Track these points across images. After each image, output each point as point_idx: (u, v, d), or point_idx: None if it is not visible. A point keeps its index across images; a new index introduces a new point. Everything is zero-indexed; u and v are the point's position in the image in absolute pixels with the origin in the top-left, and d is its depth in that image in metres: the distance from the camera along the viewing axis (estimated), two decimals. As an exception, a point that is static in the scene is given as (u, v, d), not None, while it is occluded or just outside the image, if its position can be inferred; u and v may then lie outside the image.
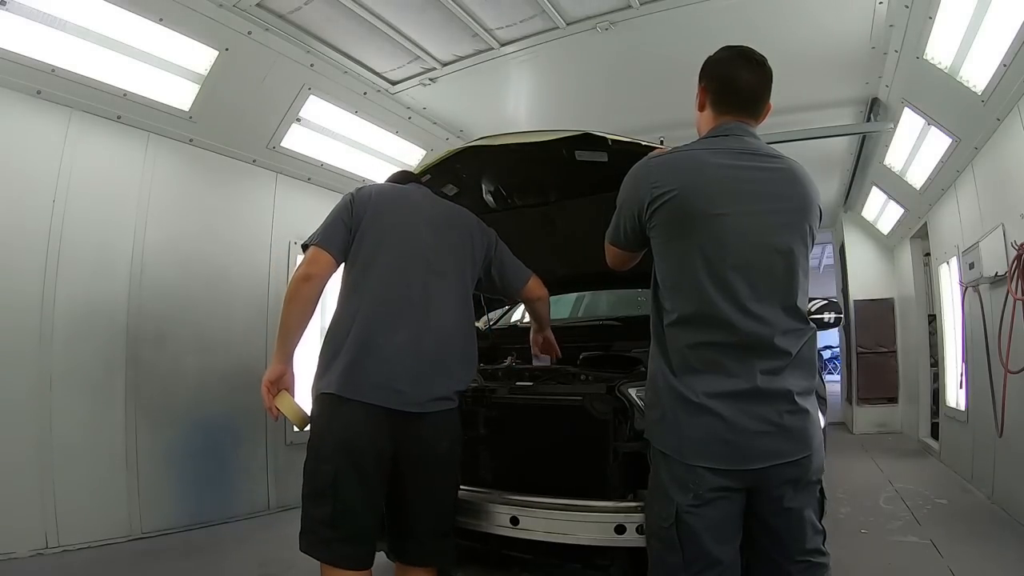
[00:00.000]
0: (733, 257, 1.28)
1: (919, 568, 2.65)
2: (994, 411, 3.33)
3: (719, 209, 1.29)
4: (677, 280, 1.34)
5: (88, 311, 3.03)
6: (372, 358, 1.60)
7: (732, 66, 1.40)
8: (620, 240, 1.51)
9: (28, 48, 2.72)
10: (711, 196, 1.30)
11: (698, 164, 1.34)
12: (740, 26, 3.35)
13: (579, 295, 3.79)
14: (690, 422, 1.27)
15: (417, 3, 3.15)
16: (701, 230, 1.29)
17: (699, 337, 1.29)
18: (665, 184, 1.32)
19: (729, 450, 1.25)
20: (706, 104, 1.43)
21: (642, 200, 1.36)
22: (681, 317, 1.32)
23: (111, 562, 2.77)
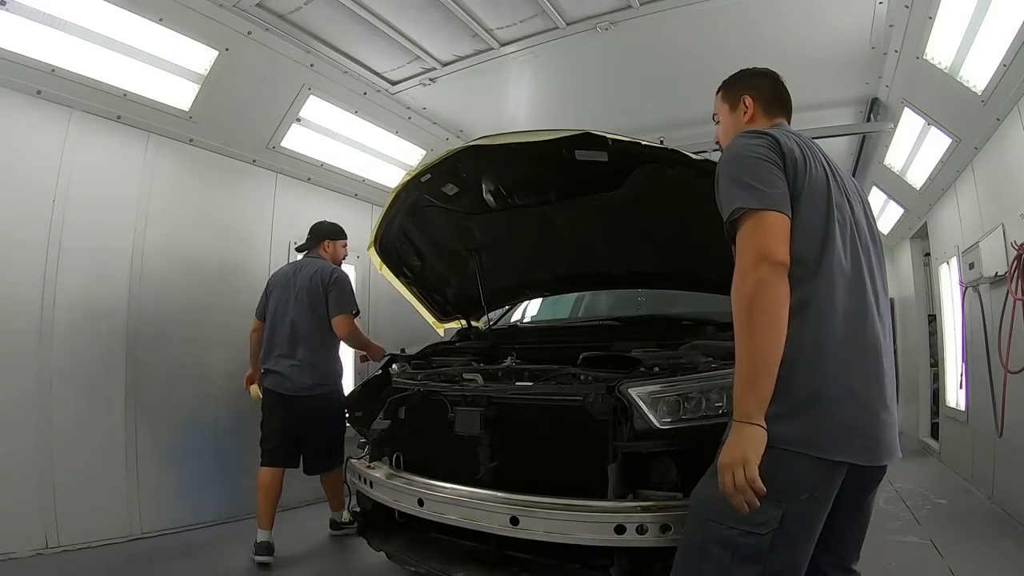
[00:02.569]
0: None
1: (919, 568, 2.65)
2: (994, 411, 3.33)
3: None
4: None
5: (88, 311, 3.03)
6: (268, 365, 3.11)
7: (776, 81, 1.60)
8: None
9: (28, 48, 2.73)
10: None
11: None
12: (740, 26, 3.36)
13: (579, 295, 3.79)
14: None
15: (417, 3, 3.15)
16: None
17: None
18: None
19: (869, 443, 1.17)
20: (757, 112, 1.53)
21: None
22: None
23: (111, 562, 2.77)
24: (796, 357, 1.14)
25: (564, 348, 2.32)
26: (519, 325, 3.49)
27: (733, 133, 1.49)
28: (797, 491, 1.12)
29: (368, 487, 2.17)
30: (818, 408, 1.14)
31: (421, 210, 2.63)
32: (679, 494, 1.73)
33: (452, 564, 1.95)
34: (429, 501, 1.90)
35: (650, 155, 2.07)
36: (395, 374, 2.47)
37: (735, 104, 1.56)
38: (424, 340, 3.28)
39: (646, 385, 1.74)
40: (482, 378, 2.10)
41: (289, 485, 3.89)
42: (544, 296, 3.62)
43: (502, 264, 2.89)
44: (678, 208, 2.38)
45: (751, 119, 1.51)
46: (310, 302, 3.08)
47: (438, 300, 3.07)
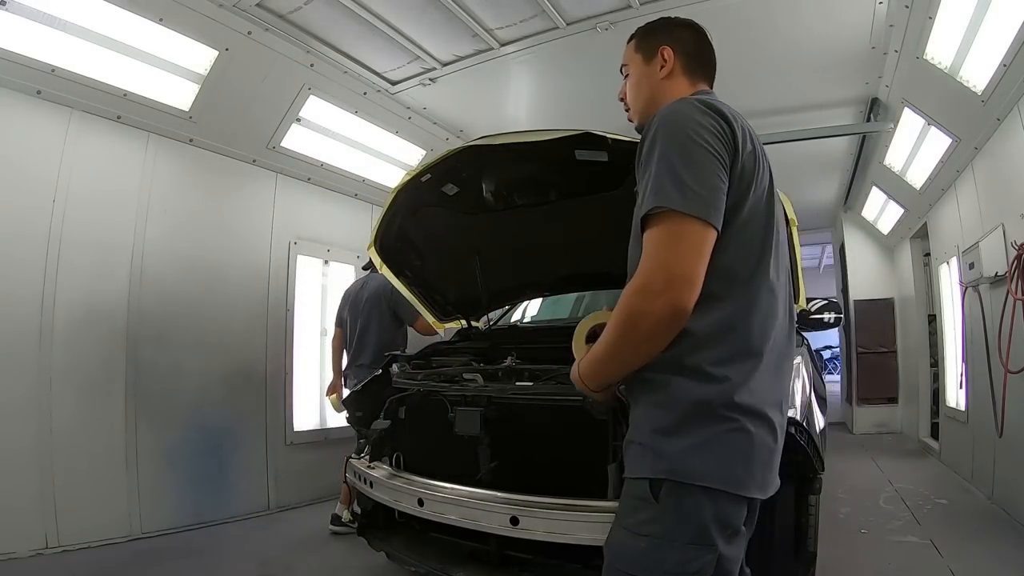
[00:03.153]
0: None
1: (919, 568, 2.65)
2: (994, 411, 3.33)
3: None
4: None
5: (88, 311, 3.04)
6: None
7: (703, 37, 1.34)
8: None
9: (28, 48, 2.72)
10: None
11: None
12: (740, 26, 3.35)
13: (579, 295, 3.79)
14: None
15: (417, 3, 3.15)
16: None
17: None
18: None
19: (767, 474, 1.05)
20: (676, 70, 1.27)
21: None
22: None
23: (111, 562, 2.77)
24: (716, 390, 0.99)
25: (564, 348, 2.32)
26: (519, 325, 3.49)
27: (647, 90, 1.28)
28: (722, 530, 0.99)
29: (368, 487, 2.16)
30: (738, 444, 1.00)
31: (421, 210, 2.63)
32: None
33: (452, 564, 1.95)
34: (429, 501, 1.89)
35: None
36: (395, 374, 2.47)
37: (651, 55, 1.29)
38: (423, 340, 3.28)
39: (646, 385, 1.74)
40: (482, 378, 2.10)
41: (289, 485, 3.91)
42: (544, 296, 3.62)
43: (502, 264, 2.88)
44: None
45: (669, 75, 1.26)
46: (377, 314, 3.45)
47: (438, 300, 3.06)
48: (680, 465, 0.96)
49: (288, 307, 4.06)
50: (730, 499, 0.98)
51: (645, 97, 1.28)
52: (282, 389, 3.96)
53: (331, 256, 4.46)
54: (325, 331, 4.38)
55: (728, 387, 0.99)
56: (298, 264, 4.18)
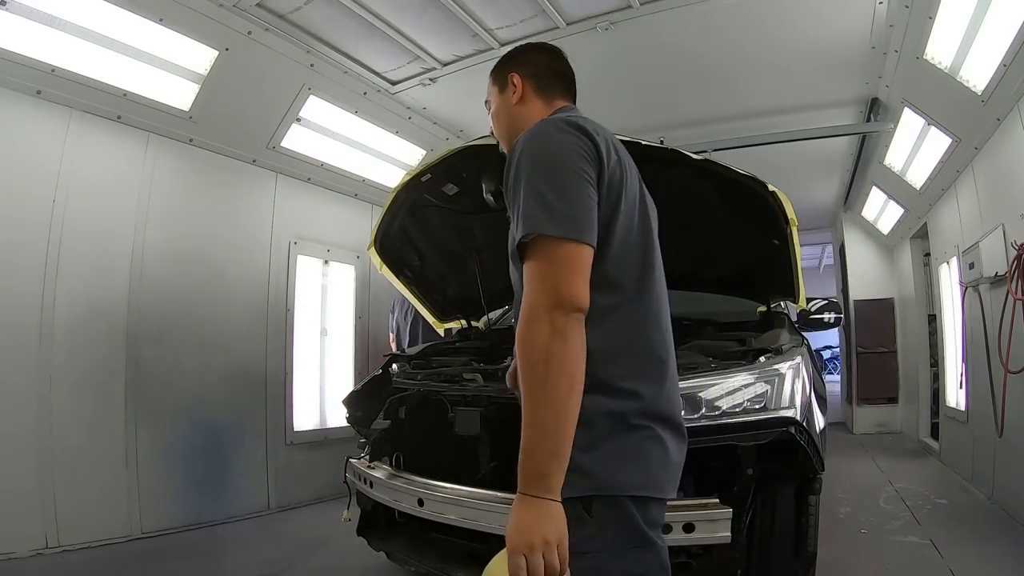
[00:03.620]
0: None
1: (919, 568, 2.65)
2: (994, 411, 3.33)
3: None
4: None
5: (88, 311, 3.03)
6: None
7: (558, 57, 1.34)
8: None
9: (28, 48, 2.72)
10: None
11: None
12: (740, 26, 3.36)
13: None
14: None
15: (417, 3, 3.15)
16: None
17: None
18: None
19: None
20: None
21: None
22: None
23: (111, 562, 2.77)
24: (625, 402, 1.00)
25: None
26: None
27: (505, 118, 1.30)
28: (658, 527, 1.00)
29: (368, 487, 2.17)
30: (639, 446, 1.00)
31: (421, 210, 2.63)
32: (679, 493, 1.73)
33: (452, 564, 1.95)
34: (429, 501, 1.90)
35: (650, 155, 2.07)
36: (395, 374, 2.47)
37: (503, 84, 1.30)
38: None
39: (646, 385, 1.74)
40: (482, 378, 2.10)
41: (289, 485, 3.91)
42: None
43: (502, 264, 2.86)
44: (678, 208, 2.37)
45: (521, 100, 1.26)
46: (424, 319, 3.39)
47: (438, 300, 3.07)
48: (605, 480, 0.96)
49: (288, 307, 4.06)
50: (655, 502, 1.01)
51: (505, 125, 1.30)
52: (282, 389, 3.96)
53: (331, 256, 4.46)
54: (325, 331, 4.38)
55: (639, 398, 1.01)
56: (298, 264, 4.18)
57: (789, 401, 1.72)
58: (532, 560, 0.86)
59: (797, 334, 2.43)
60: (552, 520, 0.89)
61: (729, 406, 1.70)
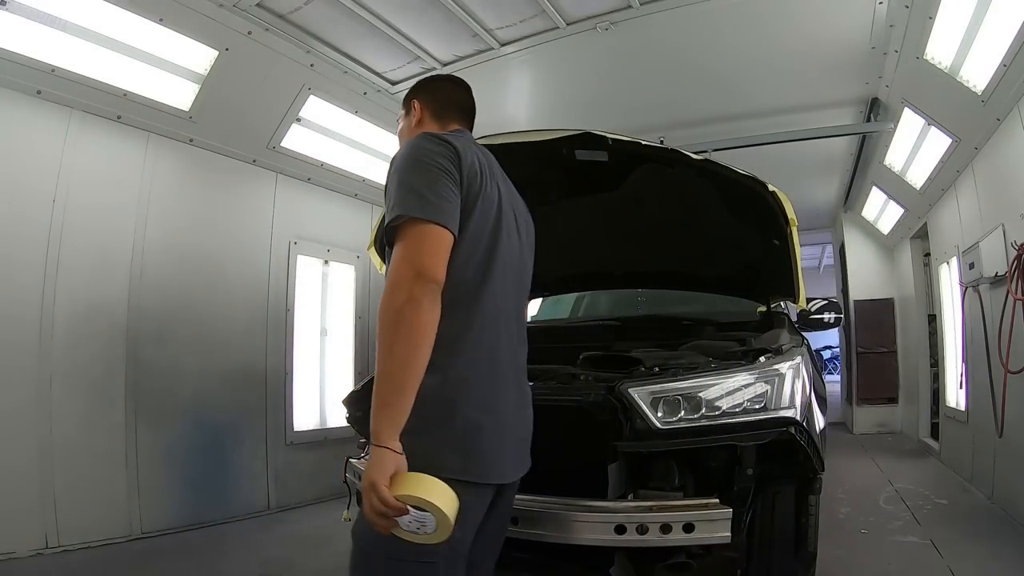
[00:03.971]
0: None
1: (919, 568, 2.65)
2: (994, 411, 3.33)
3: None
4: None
5: (88, 311, 3.03)
6: None
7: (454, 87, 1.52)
8: None
9: (28, 48, 2.72)
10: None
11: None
12: (740, 26, 3.36)
13: (579, 295, 3.80)
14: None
15: (417, 3, 3.15)
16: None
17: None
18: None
19: (515, 464, 1.29)
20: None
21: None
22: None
23: (111, 562, 2.77)
24: (454, 389, 1.12)
25: (564, 348, 2.32)
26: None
27: (406, 136, 1.46)
28: (463, 516, 1.07)
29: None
30: (476, 438, 1.13)
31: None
32: (680, 494, 1.73)
33: (452, 564, 1.95)
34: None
35: (650, 155, 2.07)
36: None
37: (408, 109, 1.50)
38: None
39: (646, 385, 1.74)
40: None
41: (289, 485, 3.91)
42: (544, 296, 3.62)
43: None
44: (678, 208, 2.38)
45: (419, 122, 1.45)
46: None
47: (438, 300, 3.06)
48: (426, 461, 1.05)
49: (288, 307, 4.06)
50: (471, 487, 1.10)
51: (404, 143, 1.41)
52: (282, 389, 3.96)
53: (331, 256, 4.46)
54: (325, 331, 4.38)
55: (466, 387, 1.13)
56: (298, 264, 4.18)
57: (789, 401, 1.72)
58: (366, 499, 0.99)
59: (797, 334, 2.43)
60: (382, 465, 0.99)
61: (729, 406, 1.70)
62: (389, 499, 0.98)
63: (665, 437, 1.69)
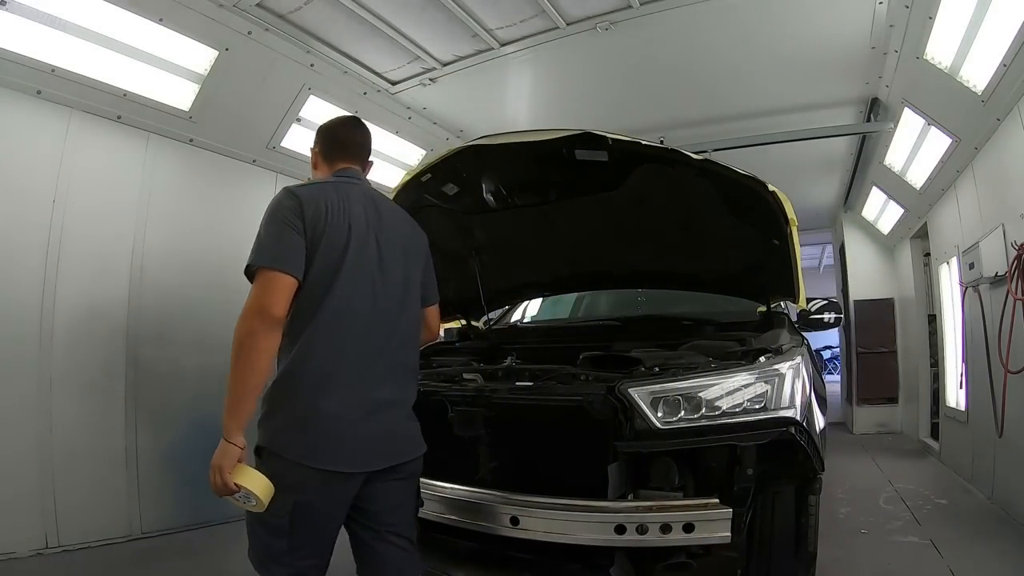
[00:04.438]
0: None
1: (919, 568, 2.65)
2: (994, 411, 3.33)
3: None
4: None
5: (88, 311, 3.03)
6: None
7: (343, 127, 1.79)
8: None
9: (28, 48, 2.72)
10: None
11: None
12: (740, 26, 3.36)
13: (579, 295, 3.80)
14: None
15: (417, 3, 3.15)
16: None
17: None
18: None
19: (354, 455, 1.48)
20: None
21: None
22: None
23: (111, 562, 2.77)
24: (296, 386, 1.42)
25: (564, 348, 2.32)
26: (519, 325, 3.49)
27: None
28: (297, 489, 1.37)
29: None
30: (301, 427, 1.40)
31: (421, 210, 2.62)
32: (680, 494, 1.73)
33: (452, 564, 1.95)
34: (429, 501, 1.90)
35: (650, 155, 2.07)
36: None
37: (312, 157, 1.76)
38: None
39: (646, 385, 1.74)
40: (482, 378, 2.10)
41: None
42: (544, 296, 3.62)
43: (502, 264, 2.89)
44: (678, 208, 2.38)
45: (315, 167, 1.73)
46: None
47: (438, 300, 3.06)
48: (271, 442, 1.41)
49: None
50: (306, 469, 1.38)
51: None
52: (282, 389, 3.95)
53: (331, 256, 4.45)
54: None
55: (303, 384, 1.42)
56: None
57: (789, 401, 1.72)
58: (212, 477, 1.38)
59: (797, 334, 2.43)
60: (226, 454, 1.36)
61: (729, 406, 1.70)
62: (228, 482, 1.35)
63: (665, 437, 1.69)
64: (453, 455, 2.00)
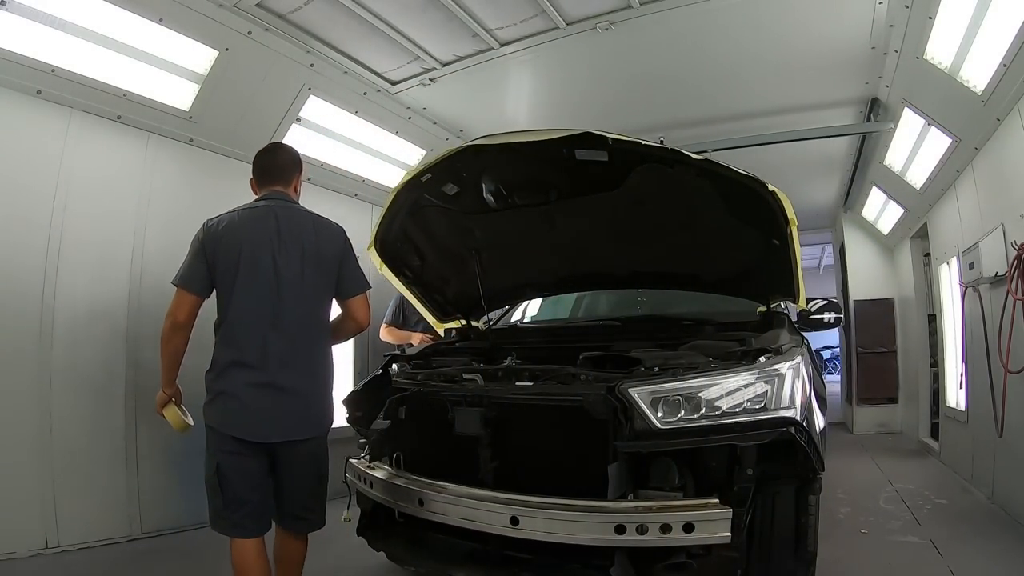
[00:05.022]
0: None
1: (919, 568, 2.65)
2: (994, 411, 3.33)
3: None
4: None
5: (88, 311, 3.03)
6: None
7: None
8: None
9: (28, 48, 2.72)
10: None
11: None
12: (740, 26, 3.36)
13: (579, 295, 3.79)
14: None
15: (417, 3, 3.15)
16: None
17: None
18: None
19: (249, 426, 1.89)
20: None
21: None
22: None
23: (111, 562, 2.77)
24: (214, 371, 1.90)
25: (564, 348, 2.32)
26: (519, 325, 3.49)
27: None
28: (219, 452, 1.85)
29: (368, 487, 2.17)
30: (218, 401, 1.86)
31: (421, 210, 2.63)
32: (679, 494, 1.73)
33: (452, 564, 1.95)
34: (429, 501, 1.90)
35: (650, 155, 2.07)
36: (395, 374, 2.48)
37: (251, 185, 2.14)
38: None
39: (646, 385, 1.74)
40: (482, 378, 2.10)
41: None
42: (544, 296, 3.62)
43: (502, 264, 2.88)
44: (678, 208, 2.38)
45: (254, 192, 2.11)
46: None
47: (438, 300, 3.07)
48: (204, 413, 1.90)
49: (288, 307, 4.05)
50: (213, 430, 1.87)
51: None
52: (282, 389, 3.95)
53: (331, 256, 4.45)
54: (325, 331, 4.38)
55: (215, 369, 1.90)
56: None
57: (789, 401, 1.72)
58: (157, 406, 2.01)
59: (797, 334, 2.43)
60: (160, 396, 2.02)
61: (729, 406, 1.70)
62: (157, 410, 2.01)
63: (665, 437, 1.69)
64: (453, 455, 2.01)
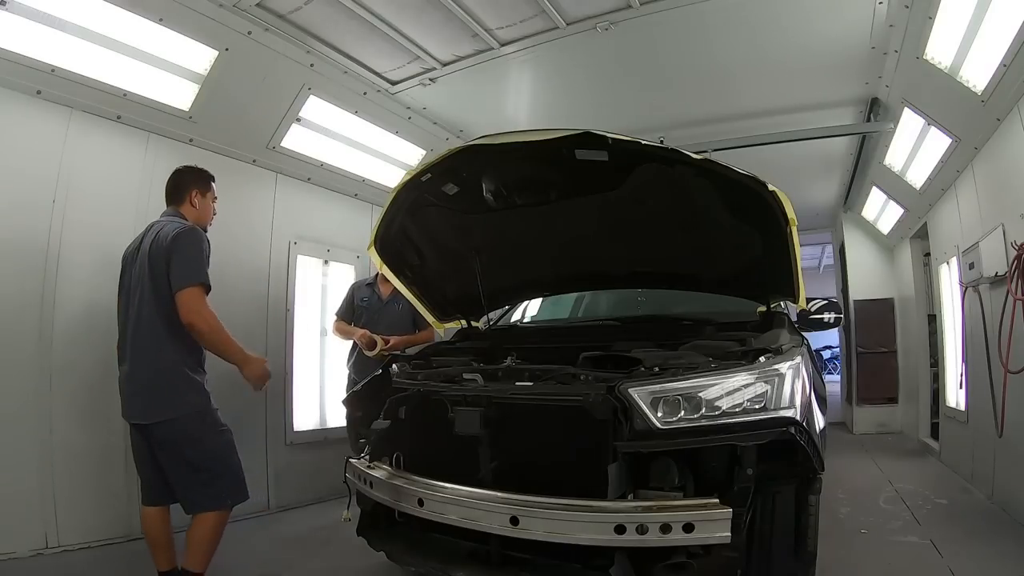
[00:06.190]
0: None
1: (919, 568, 2.65)
2: (994, 411, 3.33)
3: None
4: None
5: (88, 311, 3.03)
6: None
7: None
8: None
9: (28, 48, 2.72)
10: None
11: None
12: (740, 26, 3.36)
13: (579, 295, 3.79)
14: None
15: (417, 3, 3.15)
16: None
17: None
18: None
19: (124, 408, 2.40)
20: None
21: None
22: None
23: (111, 562, 2.77)
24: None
25: (564, 348, 2.32)
26: (519, 325, 3.49)
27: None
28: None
29: (368, 487, 2.17)
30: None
31: (421, 210, 2.63)
32: (679, 494, 1.73)
33: (452, 564, 1.95)
34: (429, 501, 1.90)
35: (650, 154, 2.07)
36: (395, 374, 2.47)
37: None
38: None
39: (646, 385, 1.74)
40: (482, 378, 2.10)
41: (289, 485, 3.90)
42: (544, 296, 3.62)
43: (502, 264, 2.88)
44: (678, 207, 2.38)
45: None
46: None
47: (438, 300, 3.07)
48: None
49: (288, 307, 4.06)
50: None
51: None
52: (282, 389, 3.96)
53: (331, 256, 4.46)
54: (325, 331, 4.38)
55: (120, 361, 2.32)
56: (298, 264, 4.18)
57: (789, 401, 1.72)
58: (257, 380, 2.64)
59: (797, 334, 2.43)
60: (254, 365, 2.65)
61: (729, 406, 1.70)
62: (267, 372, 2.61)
63: (665, 437, 1.69)
64: (453, 455, 2.01)
